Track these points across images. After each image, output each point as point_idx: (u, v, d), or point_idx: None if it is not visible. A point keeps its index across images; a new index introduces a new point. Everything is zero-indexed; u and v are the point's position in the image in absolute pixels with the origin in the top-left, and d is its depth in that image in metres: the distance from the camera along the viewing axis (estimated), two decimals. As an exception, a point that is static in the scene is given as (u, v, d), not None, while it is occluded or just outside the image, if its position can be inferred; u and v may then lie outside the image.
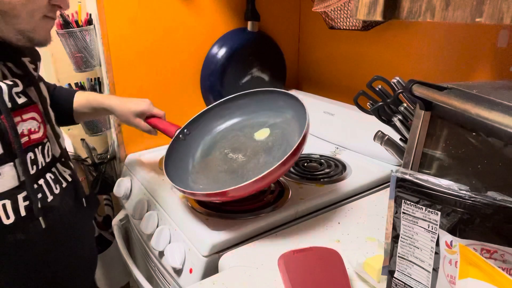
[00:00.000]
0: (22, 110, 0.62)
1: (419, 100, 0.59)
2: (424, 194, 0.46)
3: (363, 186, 0.91)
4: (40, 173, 0.64)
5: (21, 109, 0.62)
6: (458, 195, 0.43)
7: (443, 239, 0.44)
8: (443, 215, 0.44)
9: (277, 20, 1.29)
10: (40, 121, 0.65)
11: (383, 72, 0.87)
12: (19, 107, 0.61)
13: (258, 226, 0.76)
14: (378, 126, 0.81)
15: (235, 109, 0.92)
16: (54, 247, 0.68)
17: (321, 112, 1.18)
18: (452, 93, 0.55)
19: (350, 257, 0.64)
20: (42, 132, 0.65)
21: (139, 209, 0.93)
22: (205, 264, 0.70)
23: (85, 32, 1.04)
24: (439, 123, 0.60)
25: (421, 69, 1.00)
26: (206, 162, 0.87)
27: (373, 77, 0.77)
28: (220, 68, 1.16)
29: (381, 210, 0.80)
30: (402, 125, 0.75)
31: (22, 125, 0.61)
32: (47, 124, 0.67)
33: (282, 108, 0.86)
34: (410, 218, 0.48)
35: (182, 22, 1.11)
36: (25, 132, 0.61)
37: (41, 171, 0.64)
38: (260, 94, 0.90)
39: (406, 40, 1.02)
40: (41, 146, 0.65)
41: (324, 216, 0.80)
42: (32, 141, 0.63)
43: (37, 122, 0.64)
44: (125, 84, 1.07)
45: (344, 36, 1.19)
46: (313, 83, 1.37)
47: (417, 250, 0.48)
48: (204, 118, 0.92)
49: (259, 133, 0.84)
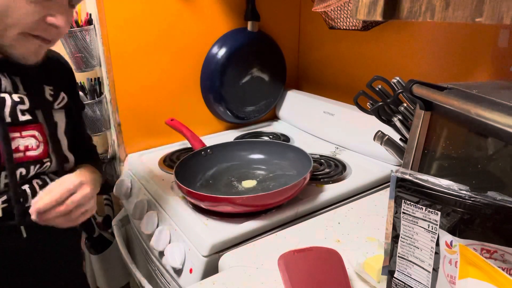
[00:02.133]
0: (23, 127, 0.62)
1: (419, 100, 0.59)
2: (424, 194, 0.46)
3: (363, 186, 0.91)
4: (26, 181, 0.64)
5: (21, 126, 0.62)
6: (458, 195, 0.43)
7: (443, 239, 0.44)
8: (443, 215, 0.44)
9: (277, 20, 1.29)
10: (40, 140, 0.65)
11: (383, 72, 0.87)
12: (20, 123, 0.62)
13: (258, 226, 0.76)
14: (378, 126, 0.81)
15: (259, 152, 1.01)
16: (34, 261, 0.67)
17: (321, 112, 1.18)
18: (452, 93, 0.55)
19: (350, 257, 0.64)
20: (41, 151, 0.65)
21: (139, 209, 0.93)
22: (205, 264, 0.70)
23: (85, 32, 1.04)
24: (439, 123, 0.60)
25: (421, 69, 1.00)
26: (212, 181, 0.93)
27: (373, 77, 0.77)
28: (220, 68, 1.16)
29: (381, 210, 0.80)
30: (402, 125, 0.75)
31: (19, 140, 0.61)
32: (49, 145, 0.67)
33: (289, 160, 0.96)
34: (410, 218, 0.48)
35: (182, 22, 1.11)
36: (20, 148, 0.62)
37: (28, 179, 0.64)
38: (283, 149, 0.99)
39: (406, 40, 1.02)
40: (39, 165, 0.65)
41: (324, 216, 0.80)
42: (27, 158, 0.63)
43: (36, 140, 0.64)
44: (125, 84, 1.07)
45: (344, 36, 1.19)
46: (313, 83, 1.37)
47: (417, 250, 0.48)
48: (232, 147, 1.01)
49: (246, 182, 0.92)
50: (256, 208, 0.79)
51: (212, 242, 0.71)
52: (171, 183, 0.94)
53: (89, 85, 1.14)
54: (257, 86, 1.27)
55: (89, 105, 1.12)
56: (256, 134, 1.25)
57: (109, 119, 1.14)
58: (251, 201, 0.77)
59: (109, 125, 1.15)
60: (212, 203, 0.78)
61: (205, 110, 1.24)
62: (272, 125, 1.35)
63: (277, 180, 0.91)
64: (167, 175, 1.00)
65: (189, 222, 0.78)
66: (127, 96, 1.08)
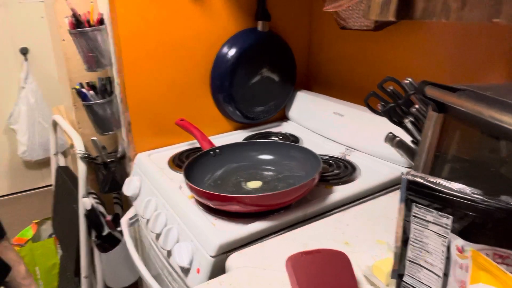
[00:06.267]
0: None
1: (432, 101, 0.58)
2: (436, 197, 0.45)
3: (373, 188, 0.89)
4: None
5: None
6: (471, 199, 0.42)
7: (454, 243, 0.43)
8: (454, 219, 0.43)
9: (288, 20, 1.29)
10: None
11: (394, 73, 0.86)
12: None
13: (266, 226, 0.76)
14: (388, 127, 0.80)
15: (268, 152, 1.00)
16: None
17: (330, 112, 1.17)
18: (465, 94, 0.54)
19: (359, 260, 0.64)
20: None
21: (147, 208, 0.93)
22: (212, 264, 0.70)
23: (97, 32, 1.05)
24: (451, 125, 0.59)
25: (434, 70, 0.98)
26: (220, 181, 0.93)
27: (384, 78, 0.76)
28: (230, 68, 1.16)
29: (391, 213, 0.79)
30: (413, 126, 0.74)
31: None
32: None
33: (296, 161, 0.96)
34: (420, 221, 0.47)
35: (193, 22, 1.11)
36: None
37: None
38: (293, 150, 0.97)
39: (419, 40, 1.00)
40: None
41: (333, 218, 0.79)
42: None
43: None
44: (135, 84, 1.07)
45: (355, 36, 1.18)
46: (323, 84, 1.36)
47: (427, 254, 0.47)
48: (240, 148, 1.01)
49: (251, 183, 0.91)
50: (264, 208, 0.78)
51: (220, 243, 0.71)
52: (180, 183, 0.94)
53: (100, 85, 1.15)
54: (267, 86, 1.26)
55: (100, 105, 1.13)
56: (265, 134, 1.25)
57: (119, 119, 1.15)
58: (259, 201, 0.77)
59: (119, 124, 1.16)
60: (220, 202, 0.78)
61: (215, 110, 1.24)
62: (282, 125, 1.35)
63: (285, 181, 0.91)
64: (176, 174, 1.00)
65: (197, 222, 0.78)
66: (137, 96, 1.09)
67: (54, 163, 1.65)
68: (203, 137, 1.04)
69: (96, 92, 1.14)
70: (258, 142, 1.03)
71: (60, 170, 1.54)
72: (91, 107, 1.13)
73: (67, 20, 1.04)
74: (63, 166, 1.60)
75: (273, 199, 0.76)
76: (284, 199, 0.77)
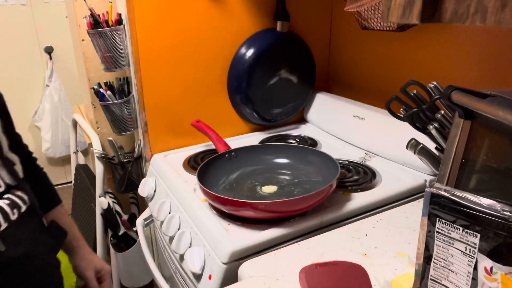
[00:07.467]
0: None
1: (459, 108, 0.55)
2: (462, 213, 0.42)
3: (394, 196, 0.86)
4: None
5: None
6: (501, 216, 0.39)
7: (482, 264, 0.40)
8: (483, 238, 0.40)
9: (308, 20, 1.26)
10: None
11: (418, 76, 0.82)
12: None
13: (280, 234, 0.73)
14: (411, 133, 0.76)
15: (285, 156, 0.97)
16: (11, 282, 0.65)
17: (351, 116, 1.13)
18: (495, 101, 0.50)
19: (377, 274, 0.61)
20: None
21: (161, 210, 0.92)
22: (224, 271, 0.69)
23: (115, 32, 1.05)
24: (480, 133, 0.55)
25: (461, 74, 0.93)
26: (236, 184, 0.91)
27: (407, 81, 0.73)
28: (248, 69, 1.14)
29: (413, 223, 0.76)
30: (438, 133, 0.70)
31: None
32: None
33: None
34: (445, 238, 0.44)
35: (211, 22, 1.09)
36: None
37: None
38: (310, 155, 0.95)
39: (446, 42, 0.95)
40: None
41: (351, 227, 0.76)
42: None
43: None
44: (152, 84, 1.07)
45: (377, 37, 1.14)
46: (343, 86, 1.32)
47: (451, 274, 0.44)
48: (256, 151, 0.98)
49: (266, 187, 0.89)
50: (279, 215, 0.76)
51: (232, 249, 0.69)
52: (194, 185, 0.93)
53: (118, 85, 1.15)
54: (285, 88, 1.24)
55: (117, 105, 1.13)
56: (283, 137, 1.23)
57: (136, 119, 1.15)
58: (274, 207, 0.74)
59: (136, 125, 1.16)
60: (234, 208, 0.76)
61: (232, 111, 1.22)
62: (300, 128, 1.32)
63: (302, 186, 0.88)
64: (191, 176, 0.99)
65: (210, 227, 0.76)
66: (154, 96, 1.08)
67: (74, 161, 1.68)
68: (219, 139, 1.02)
69: (113, 92, 1.14)
70: (275, 145, 1.00)
71: (79, 168, 1.55)
72: (108, 107, 1.13)
73: (86, 20, 1.05)
74: (82, 165, 1.62)
75: (288, 206, 0.74)
76: (300, 206, 0.75)
